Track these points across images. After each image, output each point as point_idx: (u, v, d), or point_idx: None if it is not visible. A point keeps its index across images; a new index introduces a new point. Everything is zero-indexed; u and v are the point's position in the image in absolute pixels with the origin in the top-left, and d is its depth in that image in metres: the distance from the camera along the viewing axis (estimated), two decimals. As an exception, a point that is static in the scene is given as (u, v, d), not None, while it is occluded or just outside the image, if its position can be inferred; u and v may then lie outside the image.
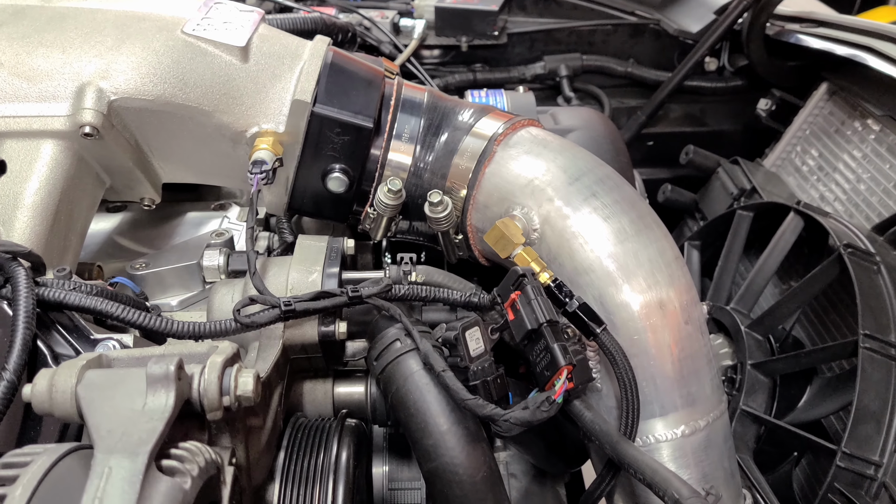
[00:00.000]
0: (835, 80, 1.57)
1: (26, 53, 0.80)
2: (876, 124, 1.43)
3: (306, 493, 0.69)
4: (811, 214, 1.26)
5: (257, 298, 0.72)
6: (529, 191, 0.84)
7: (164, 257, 1.00)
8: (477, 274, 0.97)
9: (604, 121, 1.21)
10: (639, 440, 0.79)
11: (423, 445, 0.72)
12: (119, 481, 0.43)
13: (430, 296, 0.79)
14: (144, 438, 0.47)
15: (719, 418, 0.84)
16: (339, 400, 0.85)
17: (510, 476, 1.07)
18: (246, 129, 0.85)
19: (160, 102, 0.82)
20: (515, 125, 0.90)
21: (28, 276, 0.63)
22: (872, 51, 1.34)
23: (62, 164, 0.79)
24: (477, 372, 0.72)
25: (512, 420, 0.67)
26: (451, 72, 1.87)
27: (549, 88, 1.96)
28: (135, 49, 0.82)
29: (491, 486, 0.72)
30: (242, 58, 0.85)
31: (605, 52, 1.96)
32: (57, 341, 0.67)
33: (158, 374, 0.51)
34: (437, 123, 0.91)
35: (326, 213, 0.94)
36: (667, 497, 0.64)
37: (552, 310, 0.71)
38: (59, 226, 0.78)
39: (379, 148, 0.89)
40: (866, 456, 0.94)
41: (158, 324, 0.67)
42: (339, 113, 0.85)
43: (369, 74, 0.91)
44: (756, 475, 1.10)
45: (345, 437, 0.74)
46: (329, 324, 0.78)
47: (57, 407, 0.52)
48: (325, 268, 0.81)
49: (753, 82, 1.84)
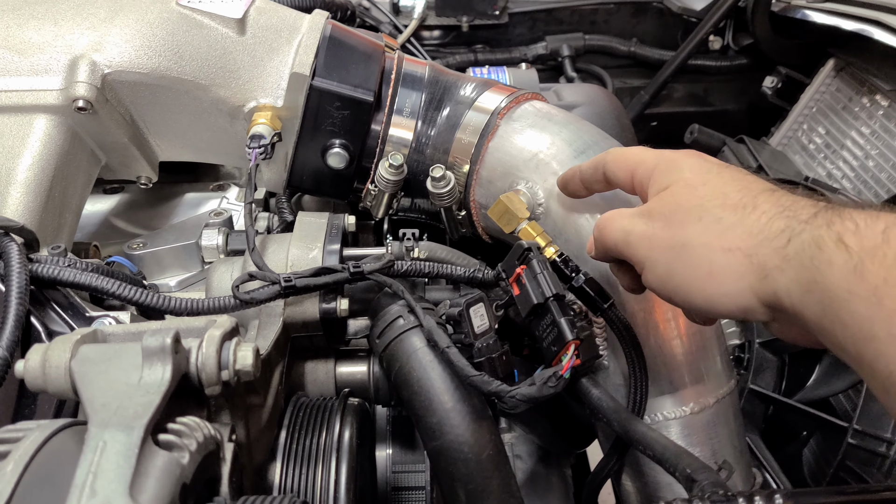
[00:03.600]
0: (842, 56, 1.55)
1: (17, 26, 0.79)
2: (884, 100, 1.40)
3: (308, 472, 0.67)
4: (820, 191, 1.24)
5: (257, 275, 0.70)
6: (534, 164, 0.82)
7: (162, 237, 0.98)
8: (480, 251, 0.95)
9: (608, 97, 1.19)
10: (647, 418, 0.78)
11: (428, 423, 0.71)
12: (114, 455, 0.42)
13: (433, 272, 0.77)
14: (140, 412, 0.45)
15: (728, 395, 0.82)
16: (342, 379, 0.84)
17: (515, 457, 1.07)
18: (243, 104, 0.83)
19: (155, 76, 0.80)
20: (519, 99, 0.88)
21: (21, 251, 0.62)
22: (880, 24, 1.32)
23: (56, 140, 0.77)
24: (482, 349, 0.70)
25: (518, 396, 0.65)
26: (451, 53, 1.85)
27: (551, 69, 1.94)
28: (128, 21, 0.80)
29: (497, 464, 0.71)
30: (239, 30, 0.83)
31: (608, 31, 1.93)
32: (52, 319, 0.65)
33: (154, 348, 0.49)
34: (439, 98, 0.89)
35: (326, 190, 0.92)
36: (678, 473, 0.63)
37: (559, 284, 0.69)
38: (54, 203, 0.77)
39: (379, 123, 0.87)
40: (878, 433, 0.93)
41: (156, 300, 0.66)
42: (338, 86, 0.83)
43: (369, 48, 0.89)
44: (765, 454, 1.09)
45: (347, 415, 0.72)
46: (330, 301, 0.77)
47: (51, 383, 0.50)
48: (325, 244, 0.79)
49: (758, 61, 1.82)
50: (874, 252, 0.44)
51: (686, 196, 0.58)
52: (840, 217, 0.48)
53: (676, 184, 0.60)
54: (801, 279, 0.48)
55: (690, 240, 0.56)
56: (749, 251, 0.52)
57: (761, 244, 0.51)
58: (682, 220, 0.57)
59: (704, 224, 0.55)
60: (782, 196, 0.54)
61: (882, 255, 0.44)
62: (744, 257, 0.52)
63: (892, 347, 0.42)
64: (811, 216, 0.50)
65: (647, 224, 0.60)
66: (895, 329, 0.42)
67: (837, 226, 0.47)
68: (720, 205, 0.55)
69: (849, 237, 0.46)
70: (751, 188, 0.56)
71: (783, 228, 0.51)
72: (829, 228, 0.47)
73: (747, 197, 0.55)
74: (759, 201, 0.54)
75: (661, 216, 0.59)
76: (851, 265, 0.45)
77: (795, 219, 0.50)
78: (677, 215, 0.58)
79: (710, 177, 0.59)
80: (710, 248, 0.54)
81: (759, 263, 0.51)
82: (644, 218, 0.61)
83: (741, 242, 0.53)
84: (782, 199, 0.53)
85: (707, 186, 0.58)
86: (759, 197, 0.54)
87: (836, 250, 0.46)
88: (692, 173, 0.60)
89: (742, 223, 0.53)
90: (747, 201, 0.54)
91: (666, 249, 0.58)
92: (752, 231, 0.52)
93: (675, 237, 0.57)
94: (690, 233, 0.56)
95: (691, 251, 0.56)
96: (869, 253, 0.45)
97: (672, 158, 0.63)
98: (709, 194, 0.57)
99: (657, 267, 0.58)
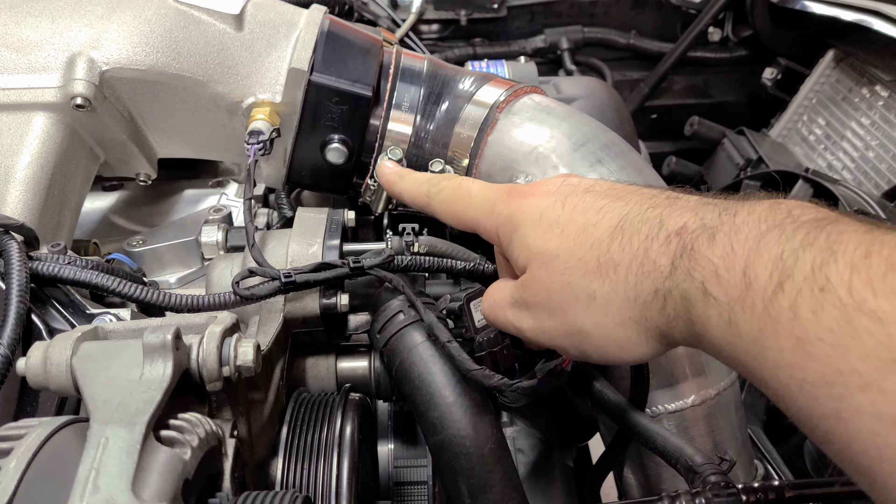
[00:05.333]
0: (841, 47, 1.55)
1: (14, 23, 0.78)
2: (884, 90, 1.40)
3: (310, 468, 0.67)
4: (820, 181, 1.24)
5: (256, 271, 0.70)
6: (533, 158, 0.82)
7: (162, 234, 0.98)
8: (480, 245, 0.95)
9: (607, 89, 1.19)
10: (648, 410, 0.78)
11: (429, 418, 0.71)
12: (116, 451, 0.42)
13: (434, 266, 0.77)
14: (142, 408, 0.45)
15: (730, 388, 0.82)
16: (343, 375, 0.84)
17: (517, 451, 1.07)
18: (241, 100, 0.83)
19: (153, 72, 0.80)
20: (518, 92, 0.88)
21: (21, 249, 0.62)
22: (879, 14, 1.31)
23: (54, 137, 0.77)
24: (482, 343, 0.70)
25: (519, 390, 0.65)
26: (450, 46, 1.84)
27: (550, 62, 1.93)
28: (126, 18, 0.80)
29: (499, 457, 0.71)
30: (237, 26, 0.83)
31: (607, 23, 1.93)
32: (52, 316, 0.65)
33: (155, 344, 0.49)
34: (438, 92, 0.89)
35: (326, 186, 0.92)
36: (680, 465, 0.63)
37: (559, 277, 0.69)
38: (53, 200, 0.76)
39: (378, 118, 0.87)
40: (879, 424, 0.92)
41: (156, 297, 0.66)
42: (336, 81, 0.83)
43: (367, 42, 0.89)
44: (767, 446, 1.09)
45: (349, 411, 0.72)
46: (331, 296, 0.77)
47: (52, 380, 0.51)
48: (325, 240, 0.79)
49: (758, 52, 1.81)
50: (742, 302, 0.42)
51: (548, 278, 0.55)
52: (697, 261, 0.45)
53: (532, 264, 0.57)
54: (691, 335, 0.47)
55: (582, 325, 0.53)
56: (637, 319, 0.50)
57: (643, 310, 0.49)
58: (560, 306, 0.55)
59: (583, 305, 0.53)
60: (633, 237, 0.50)
61: (751, 304, 0.41)
62: (637, 325, 0.50)
63: (785, 397, 0.40)
64: (670, 268, 0.47)
65: (532, 318, 0.58)
66: (783, 380, 0.40)
67: (698, 273, 0.45)
68: (583, 276, 0.52)
69: (712, 287, 0.44)
70: (600, 239, 0.52)
71: (654, 291, 0.48)
72: (692, 279, 0.45)
73: (602, 254, 0.51)
74: (615, 255, 0.51)
75: (539, 307, 0.57)
76: (725, 318, 0.43)
77: (658, 274, 0.48)
78: (553, 302, 0.55)
79: (554, 239, 0.55)
80: (605, 327, 0.52)
81: (652, 327, 0.50)
82: (525, 311, 0.59)
83: (627, 313, 0.50)
84: (634, 243, 0.50)
85: (560, 258, 0.54)
86: (612, 249, 0.51)
87: (706, 305, 0.44)
88: (537, 240, 0.56)
89: (615, 292, 0.51)
90: (603, 260, 0.51)
91: (566, 337, 0.56)
92: (628, 297, 0.50)
93: (565, 326, 0.55)
94: (577, 318, 0.54)
95: (590, 336, 0.53)
96: (737, 303, 0.42)
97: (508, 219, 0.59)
98: (567, 268, 0.53)
99: (569, 352, 0.57)
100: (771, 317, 0.40)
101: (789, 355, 0.39)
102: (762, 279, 0.41)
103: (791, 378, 0.39)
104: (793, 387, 0.39)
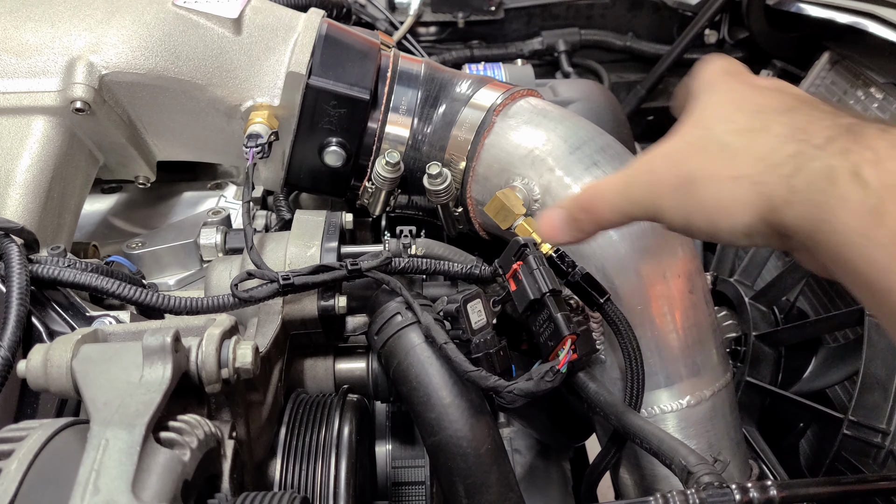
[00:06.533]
0: (837, 49, 1.55)
1: (14, 28, 0.79)
2: (879, 92, 1.41)
3: (308, 468, 0.68)
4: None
5: (255, 273, 0.71)
6: (530, 161, 0.82)
7: (161, 236, 0.99)
8: (477, 247, 0.95)
9: (604, 92, 1.19)
10: (644, 411, 0.78)
11: (426, 419, 0.71)
12: (116, 453, 0.42)
13: (431, 268, 0.77)
14: (142, 410, 0.46)
15: (725, 388, 0.83)
16: (341, 376, 0.84)
17: (514, 452, 1.07)
18: (240, 103, 0.84)
19: (152, 76, 0.80)
20: (514, 95, 0.89)
21: (21, 252, 0.62)
22: (874, 17, 1.32)
23: (54, 141, 0.78)
24: (479, 344, 0.70)
25: (516, 391, 0.66)
26: (447, 49, 1.84)
27: (547, 64, 1.93)
28: (125, 22, 0.80)
29: (495, 458, 0.72)
30: (235, 30, 0.84)
31: (604, 26, 1.93)
32: (52, 319, 0.66)
33: (155, 347, 0.50)
34: (435, 95, 0.89)
35: (324, 188, 0.93)
36: (674, 465, 0.63)
37: (555, 280, 0.69)
38: (53, 204, 0.77)
39: (376, 121, 0.88)
40: (873, 424, 0.93)
41: (155, 299, 0.66)
42: (334, 85, 0.84)
43: (365, 46, 0.89)
44: (762, 446, 1.09)
45: (346, 412, 0.73)
46: (328, 298, 0.77)
47: (52, 382, 0.51)
48: (323, 242, 0.80)
49: (754, 54, 1.82)
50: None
51: (690, 125, 0.52)
52: (858, 144, 0.41)
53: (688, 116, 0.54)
54: (810, 216, 0.42)
55: (697, 174, 0.50)
56: (755, 178, 0.46)
57: (767, 171, 0.45)
58: (683, 152, 0.51)
59: (708, 153, 0.49)
60: (799, 115, 0.47)
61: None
62: (750, 185, 0.46)
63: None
64: (826, 140, 0.43)
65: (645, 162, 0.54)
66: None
67: (854, 155, 0.41)
68: (726, 130, 0.49)
69: (867, 170, 0.39)
70: (765, 110, 0.49)
71: (793, 154, 0.44)
72: (845, 158, 0.41)
73: (758, 120, 0.48)
74: (772, 124, 0.47)
75: (660, 151, 0.53)
76: (868, 205, 0.39)
77: (808, 143, 0.44)
78: (678, 147, 0.52)
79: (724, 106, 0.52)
80: (719, 179, 0.48)
81: (765, 193, 0.45)
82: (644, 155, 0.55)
83: (748, 169, 0.46)
84: (797, 119, 0.47)
85: (715, 115, 0.51)
86: (771, 118, 0.48)
87: (851, 185, 0.40)
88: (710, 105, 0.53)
89: (749, 148, 0.47)
90: (758, 124, 0.48)
91: (672, 190, 0.51)
92: (759, 156, 0.46)
93: (678, 174, 0.51)
94: (694, 166, 0.50)
95: (698, 188, 0.49)
96: (890, 191, 0.38)
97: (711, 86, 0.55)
98: (715, 122, 0.51)
99: (666, 212, 0.52)
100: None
101: None
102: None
103: None
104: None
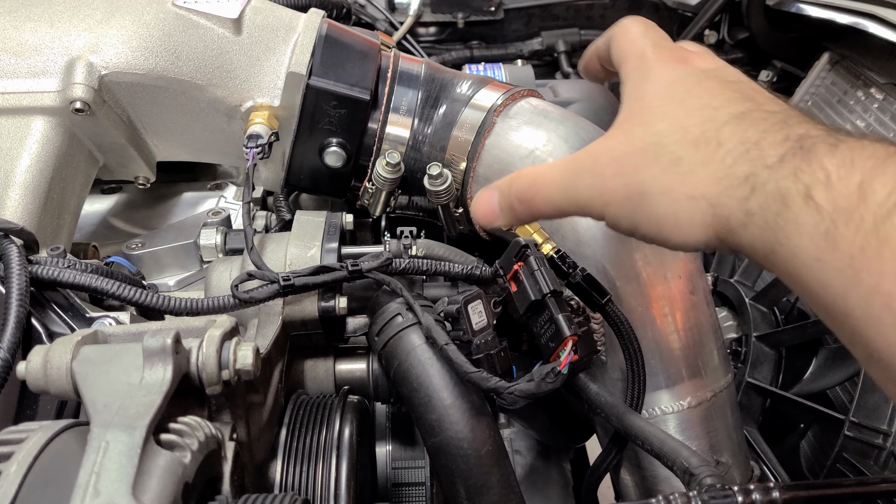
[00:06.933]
0: (837, 50, 1.55)
1: (13, 28, 0.79)
2: (879, 93, 1.41)
3: (309, 470, 0.68)
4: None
5: (255, 274, 0.71)
6: (530, 161, 0.82)
7: (161, 237, 0.99)
8: (478, 248, 0.95)
9: (604, 93, 1.19)
10: (645, 412, 0.78)
11: (427, 420, 0.71)
12: (117, 455, 0.42)
13: (432, 269, 0.77)
14: (142, 412, 0.45)
15: (726, 389, 0.83)
16: (341, 377, 0.84)
17: (515, 453, 1.07)
18: (240, 104, 0.84)
19: (152, 77, 0.80)
20: (515, 96, 0.89)
21: (20, 253, 0.62)
22: (874, 17, 1.32)
23: (53, 142, 0.77)
24: (480, 345, 0.70)
25: (517, 392, 0.66)
26: (447, 49, 1.84)
27: (547, 65, 1.93)
28: (125, 22, 0.80)
29: (496, 459, 0.71)
30: (235, 30, 0.84)
31: (604, 26, 1.90)
32: (52, 320, 0.65)
33: (155, 348, 0.50)
34: (435, 95, 0.89)
35: (324, 189, 0.92)
36: (676, 467, 0.63)
37: (556, 280, 0.69)
38: (52, 204, 0.77)
39: (376, 121, 0.87)
40: (875, 425, 0.93)
41: (155, 300, 0.66)
42: (335, 85, 0.84)
43: (365, 46, 0.89)
44: (763, 447, 1.09)
45: (347, 413, 0.73)
46: (329, 299, 0.77)
47: (52, 384, 0.51)
48: (323, 243, 0.80)
49: (754, 55, 1.82)
50: (849, 214, 0.38)
51: (639, 131, 0.51)
52: (810, 163, 0.41)
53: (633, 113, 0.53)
54: (766, 239, 0.42)
55: (649, 188, 0.49)
56: (712, 200, 0.45)
57: (724, 193, 0.45)
58: (634, 163, 0.50)
59: (661, 167, 0.48)
60: (750, 127, 0.46)
61: (859, 219, 0.37)
62: (708, 207, 0.46)
63: (871, 328, 0.37)
64: (779, 160, 0.43)
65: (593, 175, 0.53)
66: (875, 309, 0.36)
67: (806, 176, 0.40)
68: (678, 141, 0.48)
69: (818, 193, 0.39)
70: (716, 117, 0.48)
71: (747, 175, 0.44)
72: (797, 179, 0.41)
73: (710, 129, 0.47)
74: (724, 135, 0.47)
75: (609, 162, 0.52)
76: (822, 229, 0.39)
77: (761, 162, 0.43)
78: (629, 159, 0.50)
79: (671, 104, 0.51)
80: (673, 196, 0.47)
81: (722, 216, 0.45)
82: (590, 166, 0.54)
83: (705, 189, 0.46)
84: (749, 132, 0.46)
85: (664, 120, 0.50)
86: (723, 129, 0.47)
87: (804, 209, 0.40)
88: (654, 97, 0.52)
89: (705, 165, 0.46)
90: (710, 135, 0.47)
91: (624, 200, 0.50)
92: (715, 176, 0.45)
93: (629, 186, 0.50)
94: (647, 179, 0.49)
95: (651, 202, 0.49)
96: (843, 214, 0.38)
97: (645, 67, 0.55)
98: (666, 129, 0.49)
99: (619, 221, 0.52)
100: (879, 236, 0.37)
101: (890, 282, 0.36)
102: (879, 196, 0.37)
103: (886, 309, 0.36)
104: (886, 319, 0.36)
